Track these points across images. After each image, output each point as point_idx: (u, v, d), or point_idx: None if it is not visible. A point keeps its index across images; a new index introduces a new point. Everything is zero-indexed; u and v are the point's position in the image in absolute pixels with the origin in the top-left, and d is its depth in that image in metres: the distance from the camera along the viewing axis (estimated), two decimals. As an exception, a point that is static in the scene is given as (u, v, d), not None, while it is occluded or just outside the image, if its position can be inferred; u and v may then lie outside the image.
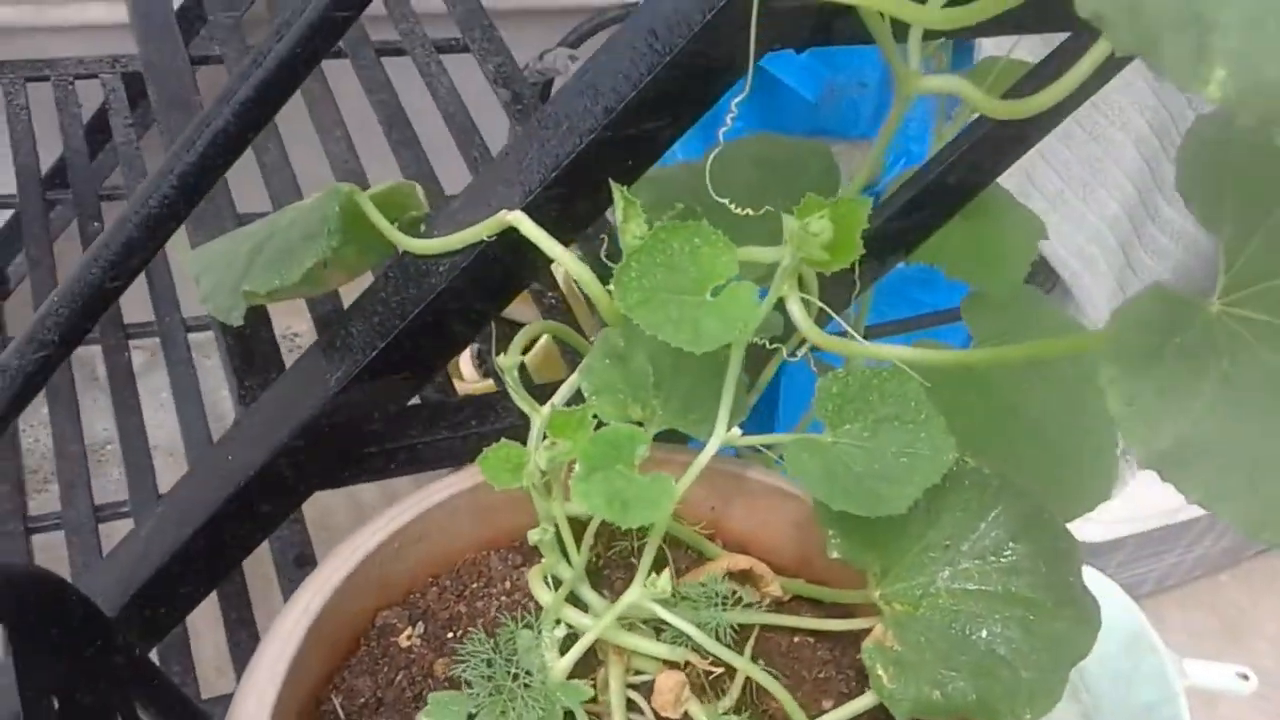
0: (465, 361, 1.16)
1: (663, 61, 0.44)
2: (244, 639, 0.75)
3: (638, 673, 0.50)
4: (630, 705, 0.48)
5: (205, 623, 0.78)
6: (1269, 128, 0.26)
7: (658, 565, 0.56)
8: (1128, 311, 0.38)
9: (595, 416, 0.48)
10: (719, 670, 0.50)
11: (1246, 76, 0.26)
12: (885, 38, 0.47)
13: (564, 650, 0.48)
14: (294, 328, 1.47)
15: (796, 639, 0.55)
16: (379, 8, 0.90)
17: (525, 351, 0.61)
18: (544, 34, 1.27)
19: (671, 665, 0.49)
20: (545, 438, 0.47)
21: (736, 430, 0.49)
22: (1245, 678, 1.10)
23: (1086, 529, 1.35)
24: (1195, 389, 0.37)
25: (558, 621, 0.48)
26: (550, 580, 0.49)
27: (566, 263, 0.46)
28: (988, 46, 0.98)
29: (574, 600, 0.49)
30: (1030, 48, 0.70)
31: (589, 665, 0.50)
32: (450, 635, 0.52)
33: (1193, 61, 0.26)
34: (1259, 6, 0.26)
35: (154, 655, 0.68)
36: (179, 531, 0.52)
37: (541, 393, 0.55)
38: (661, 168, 0.67)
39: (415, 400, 0.58)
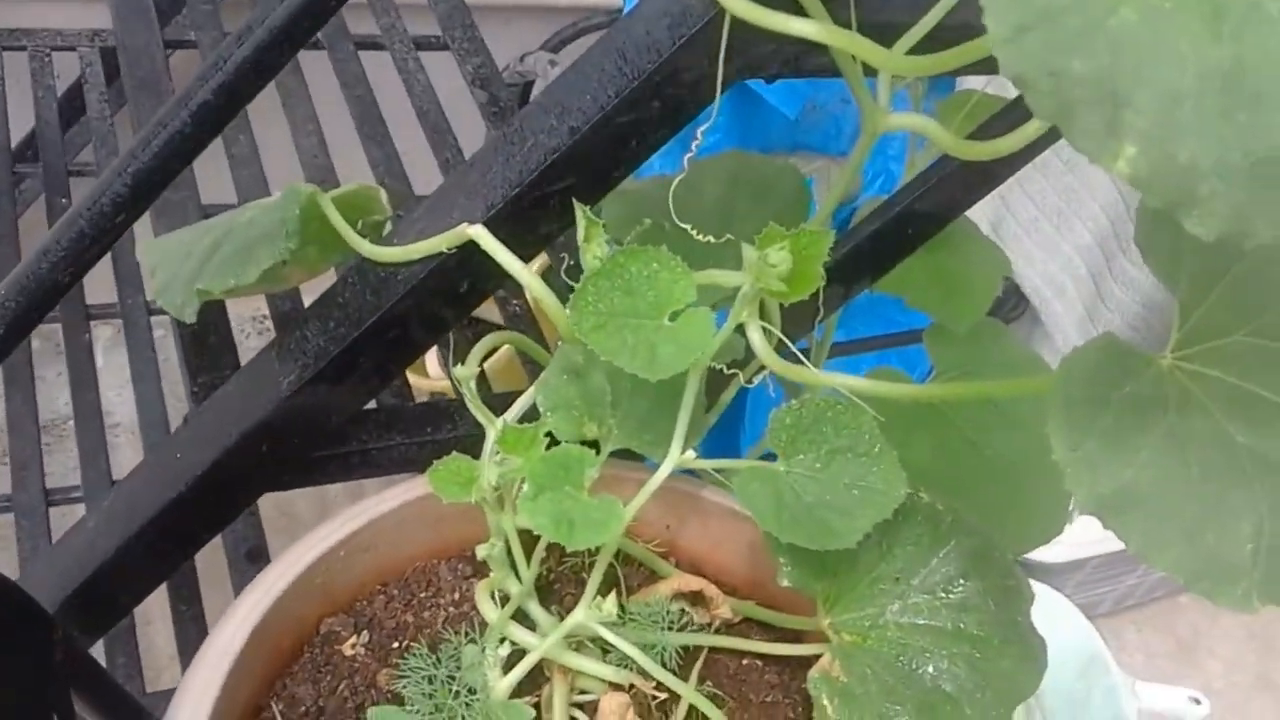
0: (430, 358, 1.15)
1: (630, 85, 0.43)
2: (193, 633, 0.74)
3: (583, 692, 0.50)
4: (573, 726, 0.48)
5: (158, 610, 0.77)
6: (1176, 210, 0.26)
7: (608, 583, 0.56)
8: (1077, 359, 0.38)
9: (549, 434, 0.48)
10: (664, 695, 0.50)
11: (1156, 157, 0.25)
12: (854, 74, 0.47)
13: (509, 668, 0.48)
14: (264, 310, 1.46)
15: (745, 661, 0.55)
16: (360, -1, 0.89)
17: (487, 358, 0.60)
18: (526, 33, 1.26)
19: (617, 687, 0.49)
20: (497, 453, 0.47)
21: (691, 453, 0.49)
22: (1197, 702, 1.11)
23: (1048, 550, 1.36)
24: (1140, 440, 0.37)
25: (502, 639, 0.48)
26: (497, 596, 0.48)
27: (526, 281, 0.46)
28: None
29: (521, 616, 0.49)
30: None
31: (534, 681, 0.49)
32: (396, 645, 0.51)
33: (1104, 136, 0.26)
34: (1175, 89, 0.25)
35: (100, 644, 0.67)
36: (125, 527, 0.51)
37: (501, 402, 0.55)
38: (633, 181, 0.67)
39: (371, 404, 0.57)
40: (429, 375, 1.15)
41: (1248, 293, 0.40)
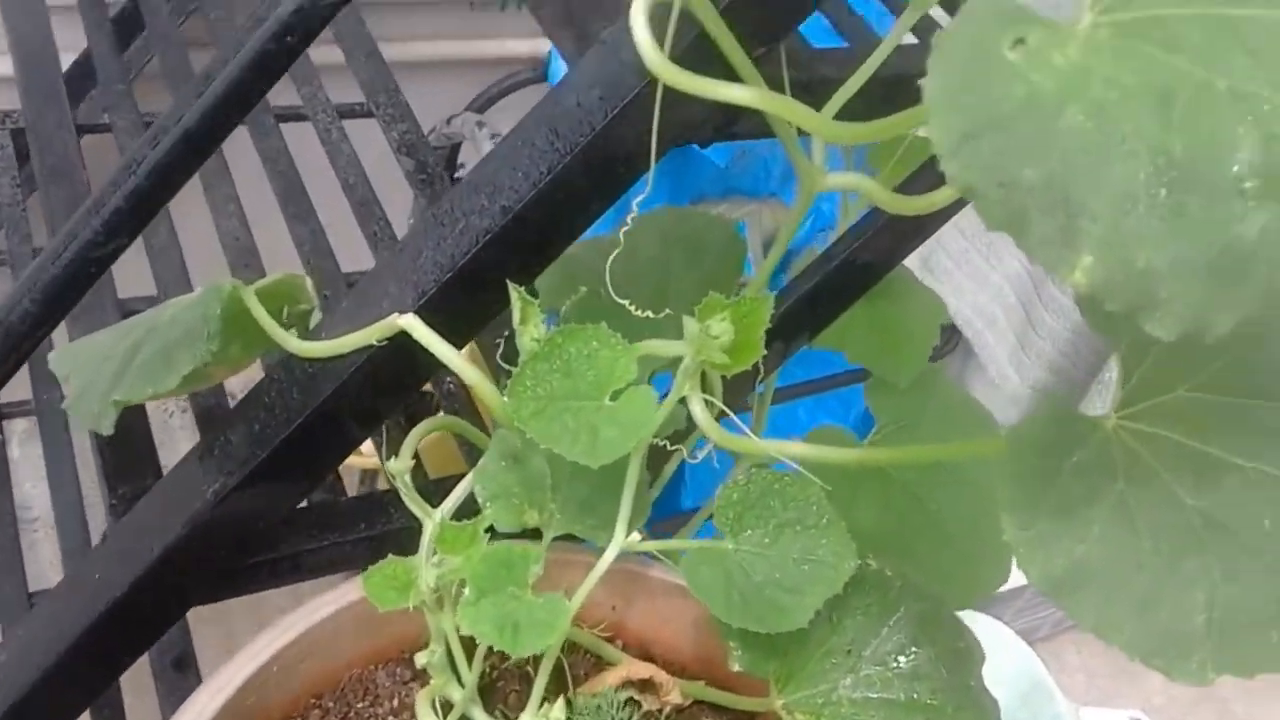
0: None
1: (563, 161, 0.42)
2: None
3: (534, 791, 0.48)
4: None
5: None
6: (1135, 314, 0.25)
7: (554, 674, 0.54)
8: (1024, 431, 0.38)
9: (489, 530, 0.46)
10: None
11: (1114, 264, 0.25)
12: (789, 136, 0.47)
13: (455, 775, 0.46)
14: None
15: (698, 747, 0.53)
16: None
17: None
18: (451, 93, 1.25)
19: (568, 788, 0.47)
20: (435, 552, 0.45)
21: (636, 536, 0.48)
22: (1140, 722, 1.12)
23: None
24: (1090, 513, 0.36)
25: (447, 749, 0.46)
26: (438, 704, 0.46)
27: (461, 370, 0.44)
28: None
29: (464, 723, 0.47)
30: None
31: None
32: (335, 762, 0.49)
33: (1060, 245, 0.25)
34: (1128, 190, 0.25)
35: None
36: (40, 659, 0.48)
37: (438, 488, 0.53)
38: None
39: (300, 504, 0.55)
40: (361, 452, 1.13)
41: (1189, 346, 0.40)
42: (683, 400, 0.46)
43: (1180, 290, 0.25)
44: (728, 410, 0.48)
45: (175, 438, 1.20)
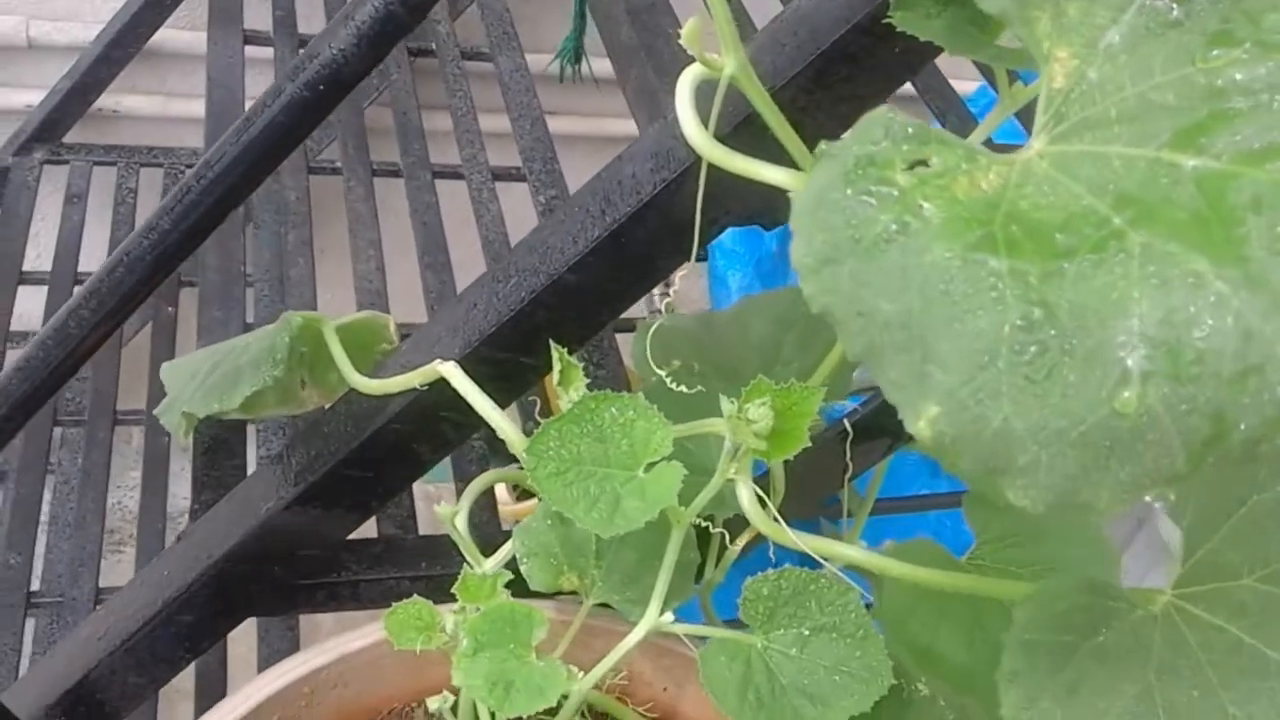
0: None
1: (611, 229, 0.42)
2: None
3: None
4: None
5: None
6: (994, 478, 0.22)
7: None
8: (1048, 594, 0.33)
9: (516, 585, 0.46)
10: None
11: (963, 420, 0.22)
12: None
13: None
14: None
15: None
16: (446, 123, 0.92)
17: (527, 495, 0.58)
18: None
19: None
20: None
21: (669, 616, 0.46)
22: None
23: None
24: (1106, 703, 0.31)
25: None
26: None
27: (495, 422, 0.45)
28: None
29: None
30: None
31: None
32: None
33: (912, 391, 0.22)
34: (989, 343, 0.22)
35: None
36: (102, 645, 0.51)
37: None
38: (677, 316, 0.65)
39: (372, 534, 0.56)
40: (499, 501, 1.14)
41: (1265, 531, 0.34)
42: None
43: (1045, 459, 0.22)
44: (775, 512, 0.46)
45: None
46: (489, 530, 0.60)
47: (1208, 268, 0.20)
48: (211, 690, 0.74)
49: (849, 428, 0.57)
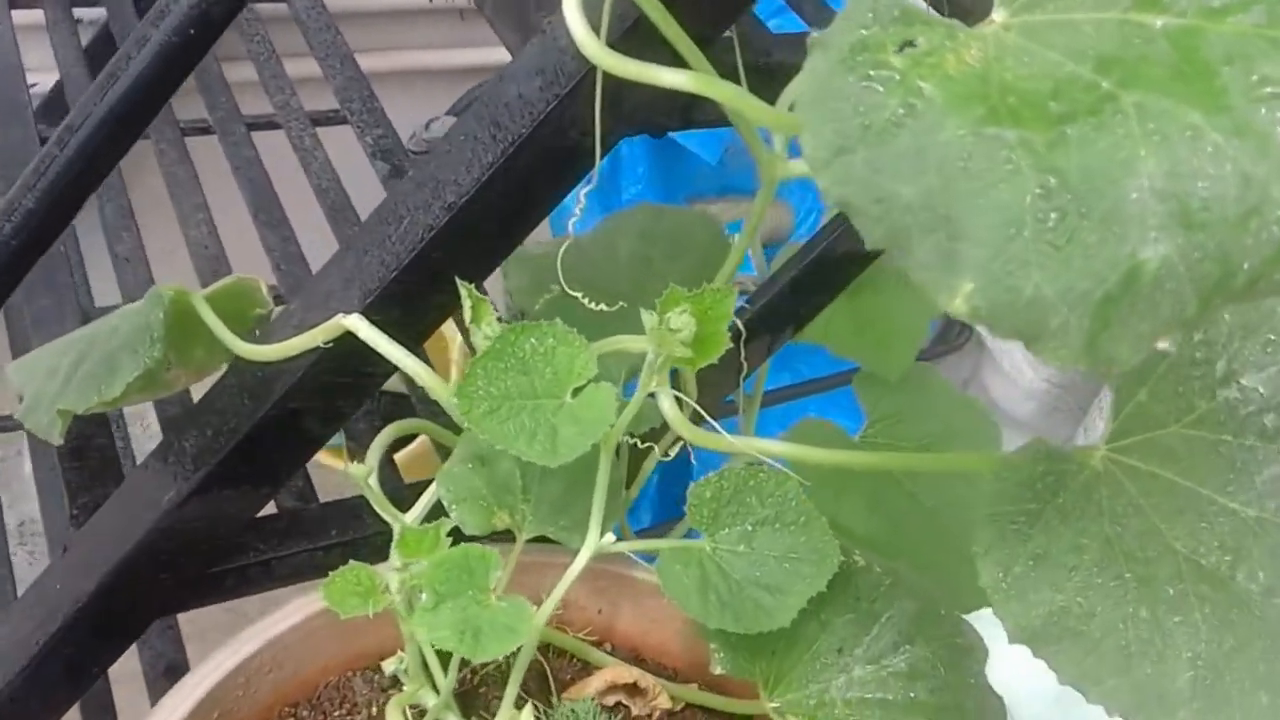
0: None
1: (506, 153, 0.41)
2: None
3: (513, 805, 0.46)
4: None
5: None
6: (1028, 343, 0.23)
7: (538, 679, 0.52)
8: (1008, 470, 0.35)
9: (451, 533, 0.45)
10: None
11: (998, 291, 0.22)
12: (743, 123, 0.45)
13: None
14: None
15: (689, 752, 0.51)
16: (252, 74, 0.86)
17: (398, 449, 0.56)
18: (429, 100, 1.24)
19: (548, 797, 0.45)
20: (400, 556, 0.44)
21: (610, 537, 0.46)
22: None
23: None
24: (1073, 559, 0.34)
25: (419, 760, 0.44)
26: (409, 713, 0.44)
27: (411, 370, 0.43)
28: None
29: (441, 730, 0.45)
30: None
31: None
32: (310, 774, 0.47)
33: (940, 269, 0.22)
34: (1014, 214, 0.22)
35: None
36: (5, 669, 0.47)
37: (415, 493, 0.51)
38: (538, 244, 0.64)
39: (270, 509, 0.53)
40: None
41: (1186, 381, 0.36)
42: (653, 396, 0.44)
43: (1074, 321, 0.23)
44: (699, 408, 0.46)
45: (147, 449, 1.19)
46: (391, 485, 0.58)
47: (1202, 120, 0.21)
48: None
49: (741, 327, 0.58)
